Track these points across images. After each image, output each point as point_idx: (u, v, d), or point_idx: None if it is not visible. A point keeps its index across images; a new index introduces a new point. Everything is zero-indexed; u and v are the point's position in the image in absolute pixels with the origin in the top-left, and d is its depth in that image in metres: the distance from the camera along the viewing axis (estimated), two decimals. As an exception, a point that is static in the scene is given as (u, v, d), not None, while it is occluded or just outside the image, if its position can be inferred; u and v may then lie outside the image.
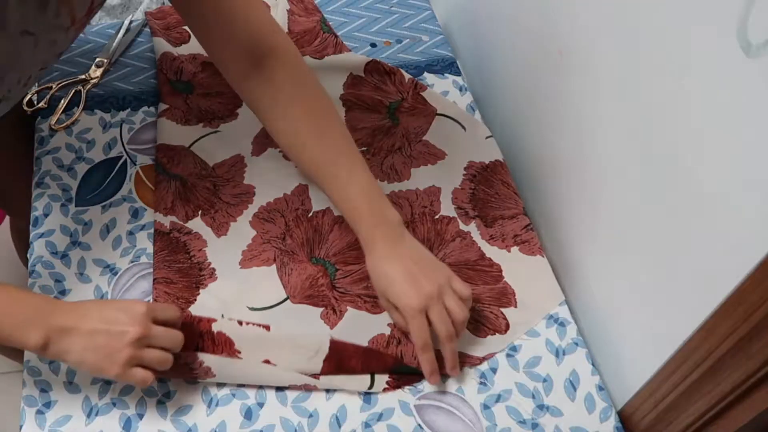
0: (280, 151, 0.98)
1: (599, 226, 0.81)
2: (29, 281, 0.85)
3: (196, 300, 0.84)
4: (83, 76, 1.04)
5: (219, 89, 1.05)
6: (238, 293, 0.85)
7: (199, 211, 0.91)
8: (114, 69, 1.07)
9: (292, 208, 0.93)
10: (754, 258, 0.54)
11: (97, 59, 1.06)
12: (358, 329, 0.82)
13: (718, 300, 0.59)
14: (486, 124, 1.04)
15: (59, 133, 0.99)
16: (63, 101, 1.01)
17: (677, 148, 0.63)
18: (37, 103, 1.01)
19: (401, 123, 1.03)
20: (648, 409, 0.73)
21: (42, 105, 1.01)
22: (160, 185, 0.93)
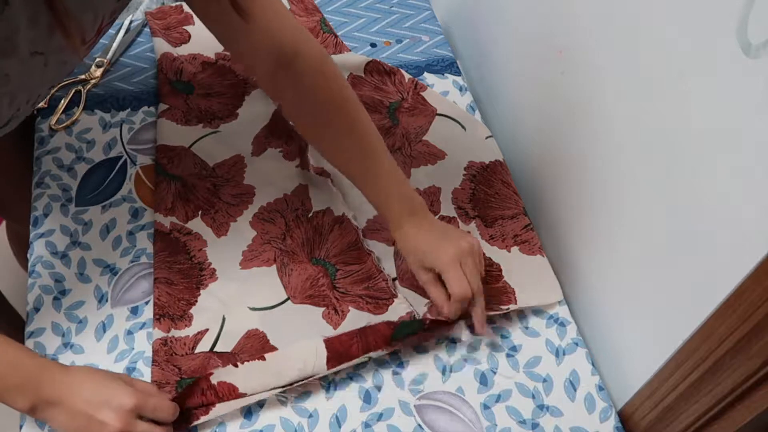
0: (280, 151, 0.98)
1: (599, 226, 0.81)
2: (29, 281, 0.85)
3: (197, 301, 0.84)
4: (83, 76, 1.04)
5: (219, 89, 1.05)
6: (239, 293, 0.85)
7: (199, 212, 0.91)
8: (114, 69, 1.07)
9: (292, 208, 0.93)
10: (754, 258, 0.54)
11: (97, 59, 1.06)
12: (360, 327, 0.82)
13: (718, 300, 0.60)
14: (486, 124, 1.04)
15: (59, 133, 0.99)
16: (63, 101, 1.01)
17: (677, 148, 0.63)
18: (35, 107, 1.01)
19: (401, 123, 1.03)
20: (648, 409, 0.73)
21: (42, 105, 1.01)
22: (160, 186, 0.93)
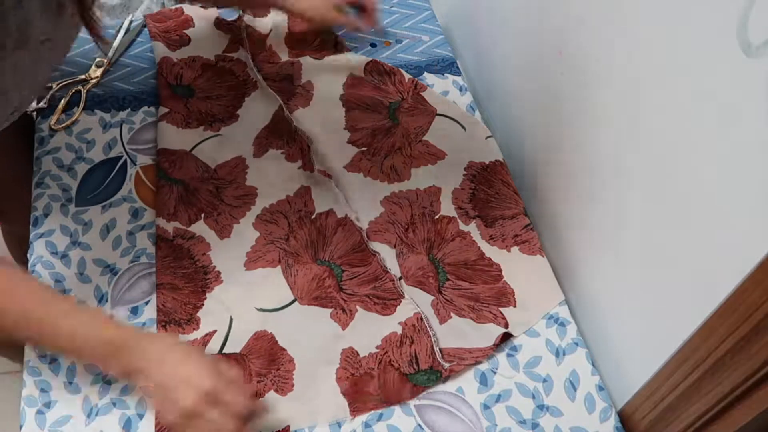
0: (282, 153, 0.98)
1: (599, 227, 0.81)
2: (29, 281, 0.85)
3: (203, 305, 0.84)
4: (83, 76, 1.04)
5: (219, 92, 1.05)
6: (245, 295, 0.85)
7: (202, 215, 0.91)
8: (114, 69, 1.07)
9: (295, 209, 0.93)
10: (754, 258, 0.54)
11: (97, 59, 1.06)
12: (369, 329, 0.83)
13: (718, 300, 0.60)
14: (486, 124, 1.04)
15: (59, 133, 0.99)
16: (63, 101, 1.01)
17: (677, 148, 0.63)
18: (37, 103, 1.01)
19: (401, 123, 1.03)
20: (648, 409, 0.73)
21: (42, 105, 1.01)
22: (162, 190, 0.93)
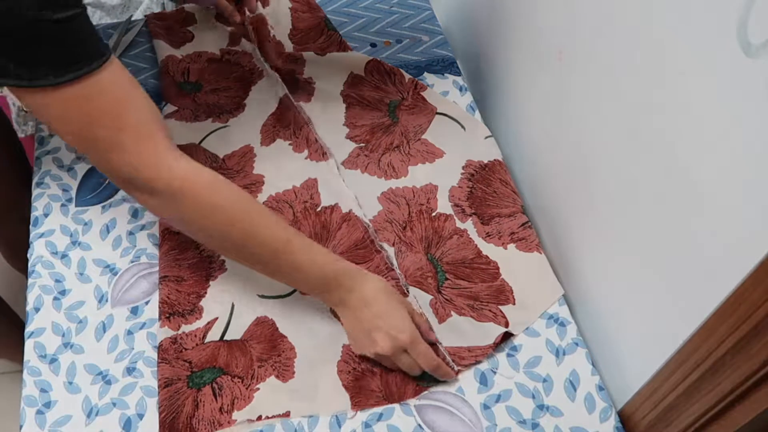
0: (290, 144, 0.99)
1: (599, 226, 0.81)
2: (29, 281, 0.85)
3: (206, 293, 0.84)
4: (83, 76, 1.04)
5: (226, 84, 1.06)
6: (248, 282, 0.85)
7: None
8: (114, 69, 1.07)
9: (301, 200, 0.93)
10: (754, 258, 0.54)
11: (97, 59, 1.06)
12: None
13: (718, 300, 0.59)
14: (486, 124, 1.04)
15: (59, 133, 0.99)
16: (63, 101, 1.01)
17: (677, 148, 0.63)
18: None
19: (400, 121, 1.03)
20: (648, 409, 0.73)
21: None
22: None
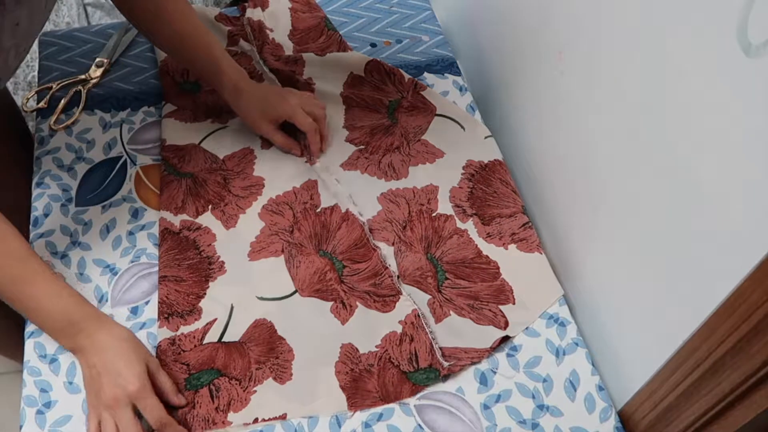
0: None
1: (599, 226, 0.81)
2: (29, 281, 0.85)
3: (205, 294, 0.85)
4: (83, 76, 1.04)
5: None
6: (247, 284, 0.86)
7: (209, 206, 0.92)
8: (114, 69, 1.07)
9: (301, 201, 0.93)
10: (754, 258, 0.54)
11: (97, 59, 1.06)
12: (369, 326, 0.83)
13: (718, 300, 0.59)
14: (486, 124, 1.04)
15: (59, 133, 0.99)
16: (63, 101, 1.01)
17: (677, 148, 0.63)
18: (37, 103, 1.01)
19: (400, 122, 1.03)
20: (648, 409, 0.73)
21: (42, 105, 1.01)
22: (171, 185, 0.93)
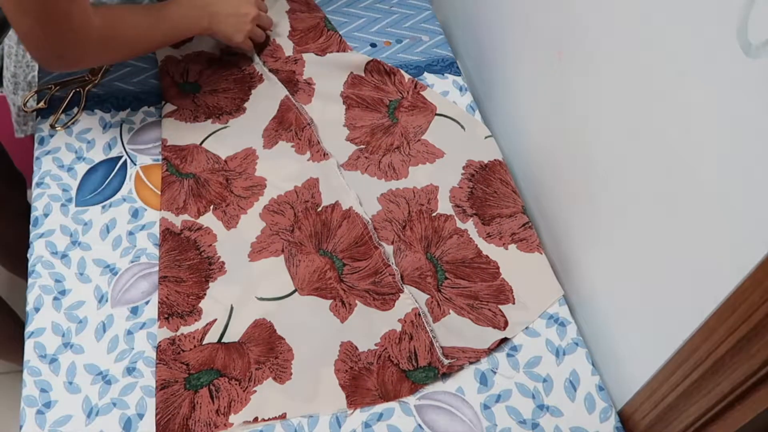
0: (292, 146, 0.99)
1: (599, 226, 0.81)
2: (29, 281, 0.85)
3: (205, 294, 0.85)
4: (83, 76, 1.04)
5: (225, 85, 1.06)
6: (247, 284, 0.86)
7: (211, 206, 0.92)
8: (114, 69, 1.07)
9: (302, 200, 0.93)
10: (754, 258, 0.54)
11: (97, 59, 1.06)
12: (368, 325, 0.83)
13: (718, 300, 0.60)
14: (486, 124, 1.04)
15: (59, 133, 0.99)
16: (63, 101, 1.01)
17: (677, 148, 0.63)
18: (37, 103, 1.01)
19: (400, 122, 1.03)
20: (648, 409, 0.73)
21: (42, 105, 1.01)
22: (172, 186, 0.93)
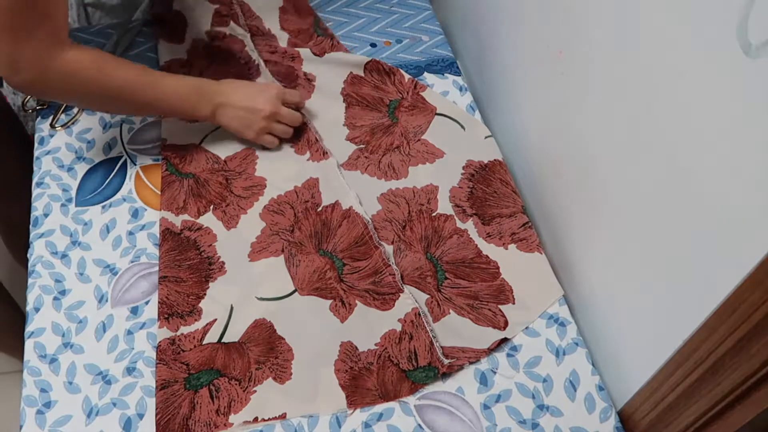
0: (291, 146, 0.99)
1: (600, 226, 0.81)
2: (29, 281, 0.85)
3: (205, 294, 0.85)
4: (83, 76, 1.04)
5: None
6: (247, 285, 0.86)
7: (211, 206, 0.92)
8: (114, 69, 1.07)
9: (302, 200, 0.93)
10: (754, 258, 0.54)
11: (97, 59, 1.06)
12: (368, 325, 0.83)
13: (718, 300, 0.59)
14: (486, 124, 1.04)
15: (59, 133, 0.99)
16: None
17: (677, 148, 0.63)
18: (37, 104, 1.01)
19: (400, 122, 1.03)
20: (648, 409, 0.73)
21: (42, 105, 1.01)
22: (172, 186, 0.93)
